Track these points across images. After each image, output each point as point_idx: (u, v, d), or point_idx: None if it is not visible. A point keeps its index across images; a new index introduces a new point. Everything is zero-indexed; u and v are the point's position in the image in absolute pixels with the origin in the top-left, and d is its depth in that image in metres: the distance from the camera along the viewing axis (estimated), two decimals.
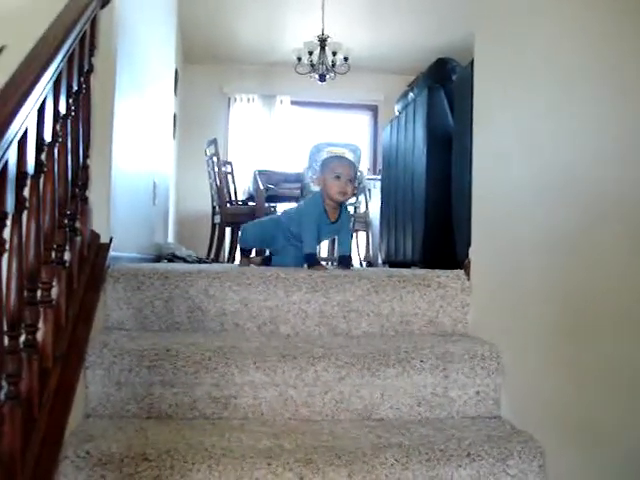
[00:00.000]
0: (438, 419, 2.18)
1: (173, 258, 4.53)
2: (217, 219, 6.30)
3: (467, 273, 2.58)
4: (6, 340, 1.54)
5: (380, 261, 5.18)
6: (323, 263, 3.13)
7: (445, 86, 3.96)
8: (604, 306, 1.65)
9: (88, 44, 2.42)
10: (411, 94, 4.46)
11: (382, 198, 5.12)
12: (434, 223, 3.83)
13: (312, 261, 2.93)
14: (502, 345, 2.25)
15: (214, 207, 6.47)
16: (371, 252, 6.46)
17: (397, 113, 4.77)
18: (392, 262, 4.66)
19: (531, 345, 2.06)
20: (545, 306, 1.96)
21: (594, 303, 1.70)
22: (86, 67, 2.39)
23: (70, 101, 2.16)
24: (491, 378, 2.22)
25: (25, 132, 1.63)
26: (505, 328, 2.26)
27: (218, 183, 6.20)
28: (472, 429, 2.08)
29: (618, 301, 1.59)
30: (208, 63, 9.31)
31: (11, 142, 1.50)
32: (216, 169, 6.23)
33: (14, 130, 1.52)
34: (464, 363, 2.21)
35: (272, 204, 6.29)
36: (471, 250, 2.60)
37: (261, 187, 5.90)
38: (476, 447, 1.91)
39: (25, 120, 1.60)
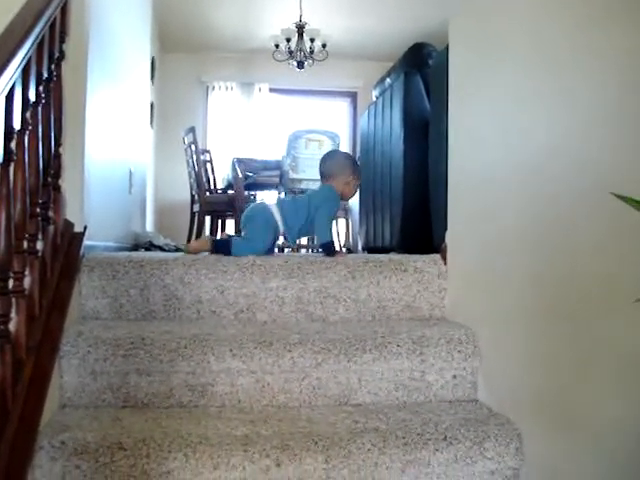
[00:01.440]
0: (415, 403, 2.19)
1: (150, 247, 4.51)
2: (196, 207, 6.27)
3: (444, 258, 2.58)
4: None
5: (360, 247, 5.18)
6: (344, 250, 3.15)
7: (422, 71, 3.96)
8: (581, 289, 1.66)
9: (59, 30, 2.39)
10: (388, 80, 4.45)
11: (361, 185, 5.10)
12: (412, 209, 3.83)
13: (333, 249, 2.93)
14: (479, 329, 2.26)
15: (193, 196, 6.44)
16: (351, 239, 6.45)
17: (374, 99, 4.76)
18: (371, 248, 4.66)
19: (508, 329, 2.06)
20: (522, 290, 1.97)
21: (571, 286, 1.70)
22: (57, 54, 2.36)
23: (40, 88, 2.13)
24: (468, 362, 2.23)
25: None
26: (482, 312, 2.26)
27: (196, 171, 6.17)
28: (449, 413, 2.09)
29: (596, 284, 1.59)
30: (185, 51, 9.24)
31: None
32: (194, 157, 6.20)
33: None
34: (441, 347, 2.21)
35: (251, 192, 6.26)
36: (447, 234, 2.60)
37: (240, 175, 5.88)
38: (453, 430, 1.92)
39: None
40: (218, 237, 3.16)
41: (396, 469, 1.85)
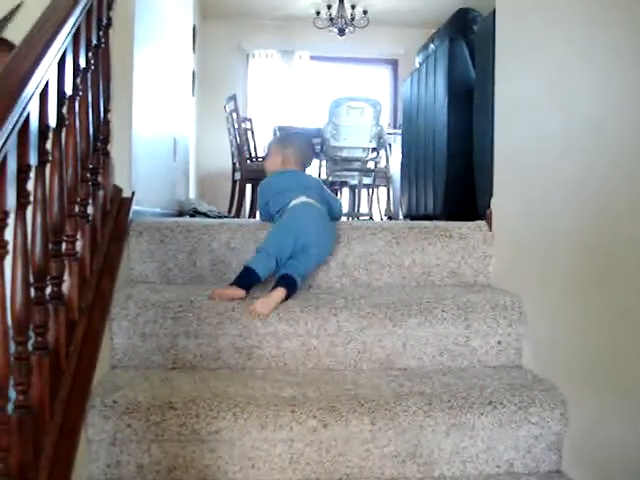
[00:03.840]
0: (460, 368, 2.20)
1: (195, 213, 4.55)
2: (237, 176, 6.29)
3: (489, 224, 2.58)
4: (32, 291, 1.56)
5: (401, 215, 5.17)
6: None
7: (466, 37, 3.91)
8: (629, 254, 1.65)
9: None
10: (432, 45, 4.40)
11: (403, 152, 5.08)
12: (455, 175, 3.80)
13: None
14: (524, 295, 2.26)
15: (234, 164, 6.46)
16: (392, 207, 6.44)
17: (418, 65, 4.72)
18: (413, 216, 4.64)
19: (553, 295, 2.05)
20: (568, 255, 1.96)
21: (619, 251, 1.69)
22: (105, 21, 2.38)
23: (89, 55, 2.15)
24: (513, 328, 2.23)
25: (46, 85, 1.63)
26: (527, 278, 2.26)
27: (238, 140, 6.18)
28: (494, 378, 2.09)
29: None
30: (226, 19, 9.21)
31: (32, 95, 1.50)
32: (236, 125, 6.20)
33: (35, 82, 1.52)
34: (486, 313, 2.21)
35: None
36: (493, 201, 2.59)
37: None
38: (498, 395, 1.93)
39: (46, 73, 1.61)
40: None
41: (441, 432, 1.87)
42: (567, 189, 1.96)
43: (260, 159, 6.69)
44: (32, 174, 1.52)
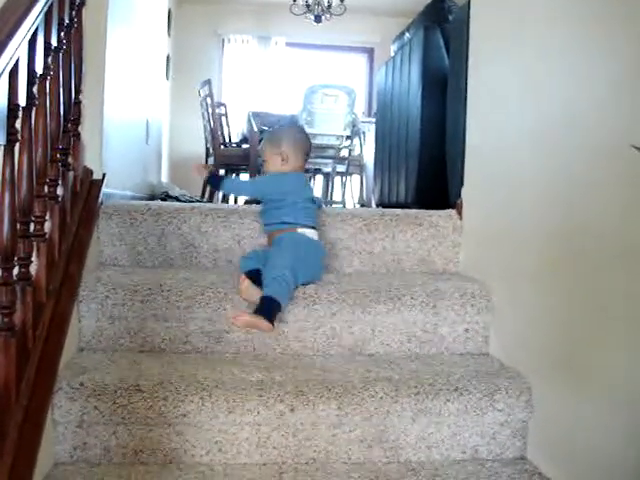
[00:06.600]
0: (428, 355, 2.22)
1: (166, 197, 4.53)
2: (211, 161, 6.26)
3: (459, 212, 2.59)
4: None
5: (374, 204, 5.18)
6: None
7: (442, 26, 3.91)
8: (596, 243, 1.66)
9: None
10: (407, 34, 4.40)
11: (376, 140, 5.09)
12: (428, 164, 3.81)
13: None
14: (493, 284, 2.27)
15: (208, 149, 6.43)
16: (365, 195, 6.45)
17: (393, 54, 4.71)
18: (385, 204, 4.65)
19: (521, 284, 2.07)
20: (535, 245, 1.97)
21: (586, 241, 1.71)
22: (78, 0, 2.36)
23: (62, 34, 2.13)
24: (481, 316, 2.25)
25: (16, 63, 1.61)
26: (496, 267, 2.28)
27: (212, 125, 6.15)
28: (461, 365, 2.11)
29: (612, 239, 1.60)
30: (202, 3, 9.12)
31: (2, 73, 1.48)
32: (210, 110, 6.17)
33: (5, 60, 1.50)
34: (454, 301, 2.23)
35: None
36: (463, 190, 2.61)
37: (255, 129, 5.86)
38: (464, 382, 1.95)
39: (16, 51, 1.58)
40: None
41: (407, 417, 1.88)
42: (537, 181, 1.97)
43: (234, 144, 6.66)
44: (0, 153, 1.51)
